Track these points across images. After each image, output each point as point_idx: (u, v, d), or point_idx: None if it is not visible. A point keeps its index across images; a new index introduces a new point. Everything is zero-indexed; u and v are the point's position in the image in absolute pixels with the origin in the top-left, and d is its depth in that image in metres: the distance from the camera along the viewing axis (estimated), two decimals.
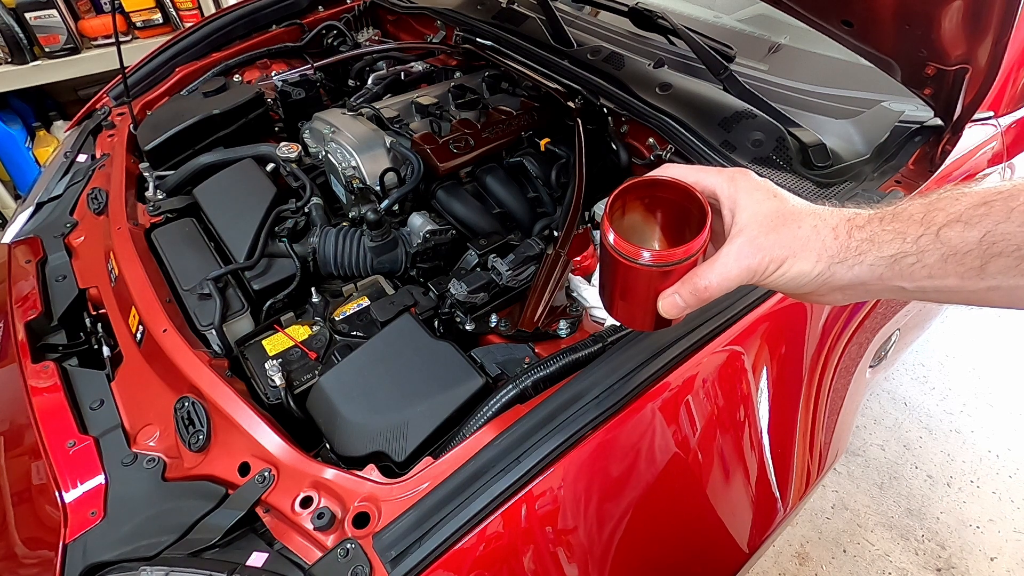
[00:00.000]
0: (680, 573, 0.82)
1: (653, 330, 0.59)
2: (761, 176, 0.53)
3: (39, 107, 2.62)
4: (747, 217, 0.50)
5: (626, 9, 1.38)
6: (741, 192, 0.51)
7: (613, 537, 0.73)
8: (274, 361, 0.88)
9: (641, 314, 0.56)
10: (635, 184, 0.53)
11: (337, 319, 0.97)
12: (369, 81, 1.56)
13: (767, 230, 0.49)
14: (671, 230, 0.56)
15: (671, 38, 1.36)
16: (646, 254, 0.50)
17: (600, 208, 1.16)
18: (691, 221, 0.52)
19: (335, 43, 1.75)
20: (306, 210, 1.16)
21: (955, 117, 0.93)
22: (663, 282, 0.52)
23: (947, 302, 0.48)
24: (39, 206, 1.29)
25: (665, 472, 0.77)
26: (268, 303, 1.03)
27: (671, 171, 0.53)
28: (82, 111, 1.55)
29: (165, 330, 0.89)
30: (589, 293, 1.00)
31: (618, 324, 0.85)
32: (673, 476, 0.79)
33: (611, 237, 0.51)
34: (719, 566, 0.87)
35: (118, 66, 1.32)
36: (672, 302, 0.52)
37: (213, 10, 2.45)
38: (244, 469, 0.74)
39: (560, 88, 1.30)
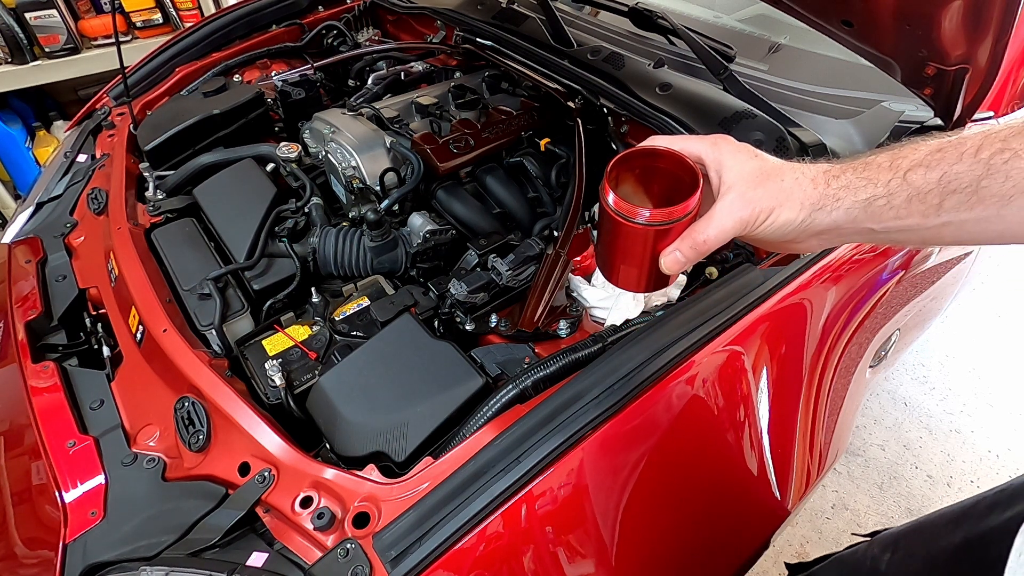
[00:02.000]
0: (680, 572, 0.82)
1: (650, 291, 0.63)
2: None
3: (39, 107, 2.62)
4: (734, 176, 0.55)
5: (626, 9, 1.37)
6: (725, 154, 0.56)
7: (613, 537, 0.73)
8: (274, 361, 0.88)
9: (642, 275, 0.60)
10: (630, 153, 0.58)
11: (337, 319, 0.97)
12: (369, 81, 1.56)
13: (754, 185, 0.54)
14: (660, 198, 0.59)
15: (671, 38, 1.36)
16: (646, 212, 0.54)
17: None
18: (680, 187, 0.56)
19: (335, 43, 1.75)
20: (306, 210, 1.16)
21: (955, 117, 0.93)
22: (662, 241, 0.56)
23: (904, 242, 0.54)
24: (39, 206, 1.29)
25: (665, 472, 0.77)
26: (268, 303, 1.03)
27: (657, 141, 0.58)
28: (82, 111, 1.55)
29: (165, 330, 0.89)
30: (589, 293, 1.00)
31: (618, 324, 0.85)
32: (673, 476, 0.79)
33: (611, 199, 0.55)
34: (719, 566, 0.87)
35: (118, 66, 1.32)
36: (674, 258, 0.56)
37: (213, 10, 2.45)
38: (244, 469, 0.74)
39: (560, 88, 1.30)
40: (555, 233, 1.10)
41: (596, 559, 0.72)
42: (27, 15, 2.21)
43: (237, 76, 1.62)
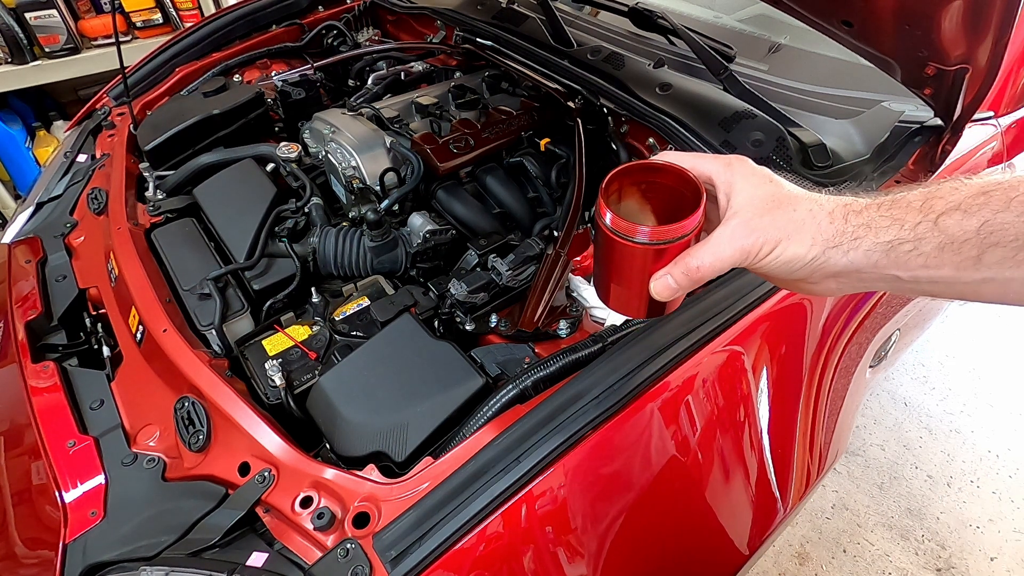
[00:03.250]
0: (680, 573, 0.82)
1: (647, 317, 0.58)
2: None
3: (39, 107, 2.62)
4: (742, 200, 0.50)
5: (626, 9, 1.37)
6: (737, 177, 0.51)
7: (613, 537, 0.73)
8: (274, 361, 0.88)
9: (635, 299, 0.56)
10: (630, 167, 0.53)
11: (337, 319, 0.97)
12: (369, 81, 1.56)
13: (762, 212, 0.49)
14: (666, 218, 0.55)
15: (671, 38, 1.36)
16: (642, 229, 0.50)
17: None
18: (686, 207, 0.51)
19: (335, 43, 1.75)
20: (306, 210, 1.16)
21: (955, 117, 0.93)
22: (656, 263, 0.52)
23: (940, 295, 0.47)
24: (39, 206, 1.29)
25: (665, 472, 0.77)
26: (268, 303, 1.03)
27: (668, 156, 0.53)
28: (82, 111, 1.55)
29: (165, 330, 0.89)
30: (589, 293, 1.00)
31: (618, 324, 0.85)
32: (673, 476, 0.79)
33: (607, 217, 0.51)
34: (719, 566, 0.87)
35: (118, 66, 1.32)
36: (664, 283, 0.51)
37: (213, 10, 2.45)
38: (244, 469, 0.74)
39: (560, 88, 1.30)
40: (555, 233, 1.10)
41: (596, 559, 0.72)
42: (27, 15, 2.21)
43: (237, 76, 1.62)
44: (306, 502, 0.69)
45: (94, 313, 1.07)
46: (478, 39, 1.53)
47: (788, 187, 0.51)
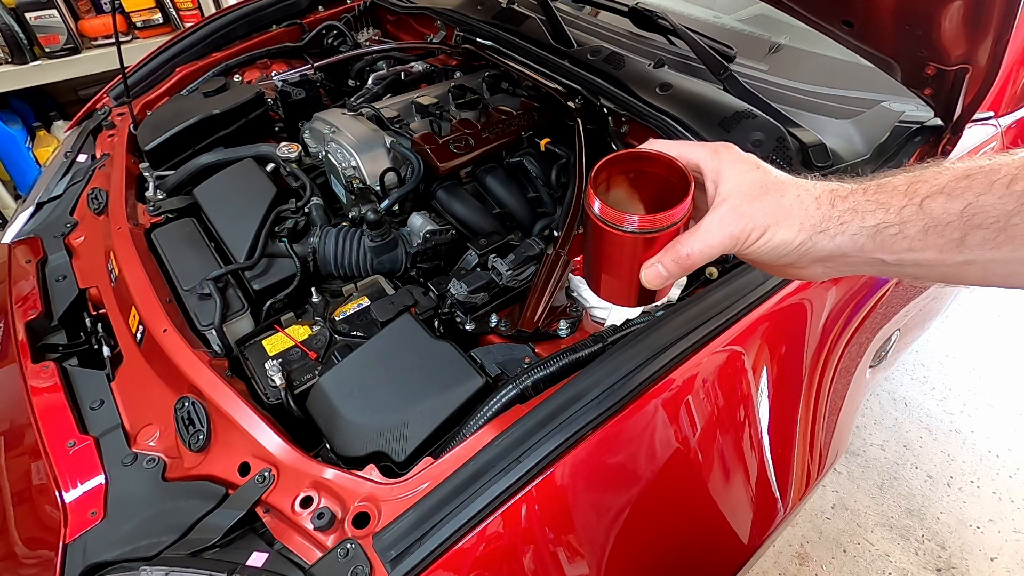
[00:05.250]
0: (680, 573, 0.82)
1: (636, 305, 0.59)
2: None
3: (39, 107, 2.63)
4: (730, 187, 0.51)
5: (626, 9, 1.37)
6: (725, 164, 0.52)
7: (613, 537, 0.73)
8: (274, 361, 0.88)
9: (625, 287, 0.56)
10: (618, 157, 0.54)
11: (337, 319, 0.97)
12: (369, 81, 1.56)
13: (750, 199, 0.50)
14: (655, 206, 0.55)
15: (671, 38, 1.36)
16: (631, 217, 0.50)
17: None
18: (674, 195, 0.51)
19: (335, 43, 1.75)
20: (306, 210, 1.16)
21: (955, 117, 0.93)
22: (646, 251, 0.52)
23: (923, 278, 0.49)
24: (39, 206, 1.29)
25: (665, 472, 0.77)
26: (268, 303, 1.03)
27: (656, 145, 0.54)
28: (82, 111, 1.55)
29: (165, 330, 0.89)
30: (589, 293, 1.00)
31: (618, 324, 0.85)
32: (673, 476, 0.79)
33: (596, 206, 0.52)
34: (719, 566, 0.87)
35: (118, 66, 1.32)
36: (655, 271, 0.52)
37: (213, 10, 2.45)
38: (244, 469, 0.74)
39: (560, 88, 1.30)
40: (555, 233, 1.10)
41: (596, 559, 0.72)
42: (27, 15, 2.21)
43: (237, 76, 1.62)
44: (306, 502, 0.69)
45: (94, 313, 1.07)
46: (478, 39, 1.53)
47: (775, 173, 0.51)
